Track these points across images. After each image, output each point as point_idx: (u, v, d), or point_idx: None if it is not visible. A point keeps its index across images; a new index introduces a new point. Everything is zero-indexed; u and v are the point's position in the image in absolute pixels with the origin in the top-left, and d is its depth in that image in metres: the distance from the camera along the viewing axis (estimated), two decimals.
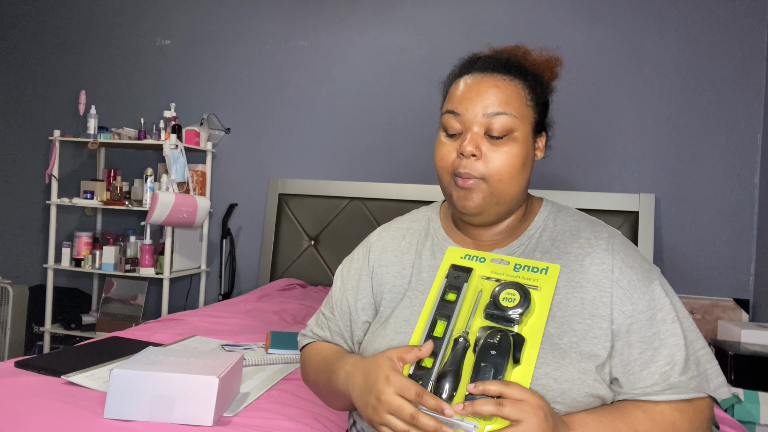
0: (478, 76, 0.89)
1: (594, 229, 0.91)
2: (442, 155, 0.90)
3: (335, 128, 3.05)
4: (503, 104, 0.87)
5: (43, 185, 3.43)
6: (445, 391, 0.72)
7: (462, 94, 0.89)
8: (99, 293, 3.26)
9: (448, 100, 0.91)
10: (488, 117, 0.86)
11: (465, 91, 0.89)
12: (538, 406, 0.69)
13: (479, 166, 0.86)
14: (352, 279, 1.00)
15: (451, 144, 0.89)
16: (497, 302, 0.78)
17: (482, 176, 0.86)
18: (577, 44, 2.74)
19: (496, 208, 0.89)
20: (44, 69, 3.46)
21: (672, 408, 0.80)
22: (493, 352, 0.73)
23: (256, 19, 3.17)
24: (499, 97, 0.87)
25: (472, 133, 0.87)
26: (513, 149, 0.87)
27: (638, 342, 0.82)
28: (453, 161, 0.88)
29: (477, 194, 0.87)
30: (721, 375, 0.83)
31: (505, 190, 0.88)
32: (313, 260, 2.95)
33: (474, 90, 0.88)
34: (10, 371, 1.37)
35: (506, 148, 0.86)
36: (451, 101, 0.90)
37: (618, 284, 0.84)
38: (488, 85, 0.88)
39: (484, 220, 0.91)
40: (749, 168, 2.55)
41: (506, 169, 0.86)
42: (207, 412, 1.09)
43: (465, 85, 0.89)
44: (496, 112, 0.86)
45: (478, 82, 0.89)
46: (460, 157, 0.87)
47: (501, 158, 0.86)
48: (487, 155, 0.86)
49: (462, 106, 0.88)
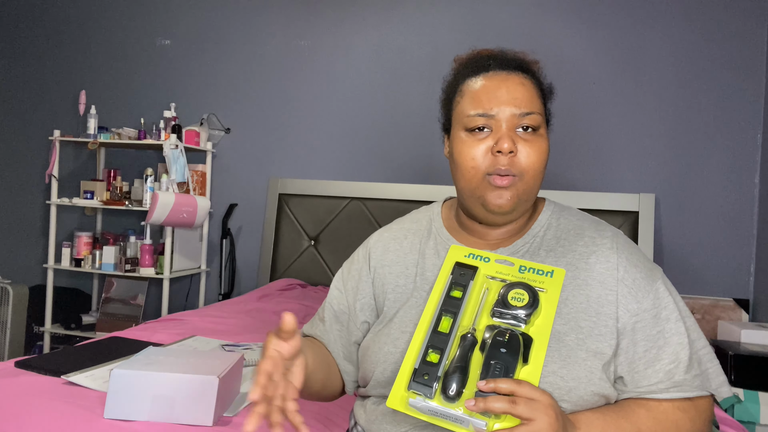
0: (502, 73, 0.89)
1: (598, 228, 0.91)
2: (472, 155, 0.86)
3: (335, 128, 3.05)
4: (531, 101, 0.87)
5: (43, 185, 3.43)
6: (453, 387, 0.71)
7: (488, 91, 0.87)
8: (99, 293, 3.26)
9: (468, 98, 0.89)
10: (521, 114, 0.86)
11: (492, 89, 0.87)
12: (549, 405, 0.69)
13: (516, 163, 0.85)
14: (351, 279, 1.00)
15: (478, 143, 0.86)
16: (506, 301, 0.78)
17: (519, 173, 0.85)
18: (577, 44, 2.74)
19: (523, 205, 0.89)
20: (44, 69, 3.46)
21: (675, 407, 0.80)
22: (503, 350, 0.73)
23: (256, 19, 3.17)
24: (526, 94, 0.87)
25: (504, 130, 0.85)
26: (542, 145, 0.87)
27: (643, 340, 0.82)
28: (486, 159, 0.86)
29: (512, 192, 0.85)
30: (722, 374, 0.84)
31: (535, 187, 0.88)
32: (313, 260, 2.95)
33: (502, 88, 0.87)
34: (10, 371, 1.37)
35: (537, 144, 0.86)
36: (474, 99, 0.88)
37: (623, 282, 0.84)
38: (515, 82, 0.87)
39: (509, 219, 0.90)
40: (749, 168, 2.55)
41: (539, 164, 0.86)
42: (207, 412, 1.09)
43: (490, 82, 0.88)
44: (528, 108, 0.86)
45: (503, 79, 0.88)
46: (496, 155, 0.85)
47: (535, 154, 0.86)
48: (522, 151, 0.85)
49: (492, 103, 0.86)
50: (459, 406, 0.71)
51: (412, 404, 0.72)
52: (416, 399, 0.72)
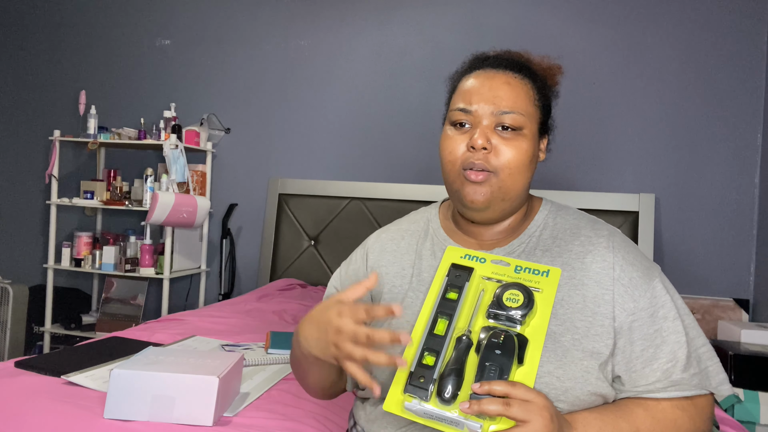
0: (490, 72, 0.90)
1: (594, 227, 0.91)
2: (451, 149, 0.89)
3: (335, 128, 3.05)
4: (514, 100, 0.87)
5: (43, 185, 3.43)
6: (449, 389, 0.71)
7: (473, 88, 0.89)
8: (99, 293, 3.26)
9: (458, 94, 0.91)
10: (499, 111, 0.86)
11: (476, 86, 0.89)
12: (544, 406, 0.69)
13: (491, 159, 0.86)
14: (348, 280, 1.00)
15: (459, 137, 0.89)
16: (501, 302, 0.78)
17: (494, 169, 0.86)
18: (578, 44, 2.74)
19: (501, 204, 0.89)
20: (44, 69, 3.46)
21: (673, 406, 0.80)
22: (498, 351, 0.73)
23: (256, 19, 3.17)
24: (509, 93, 0.87)
25: (482, 126, 0.87)
26: (522, 144, 0.87)
27: (640, 339, 0.82)
28: (462, 154, 0.88)
29: (486, 188, 0.86)
30: (722, 372, 0.84)
31: (513, 186, 0.88)
32: (313, 260, 2.95)
33: (486, 85, 0.88)
34: (10, 371, 1.37)
35: (516, 143, 0.87)
36: (461, 96, 0.90)
37: (619, 282, 0.84)
38: (500, 81, 0.88)
39: (489, 217, 0.91)
40: (749, 168, 2.55)
41: (515, 163, 0.86)
42: (207, 412, 1.09)
43: (476, 80, 0.90)
44: (508, 107, 0.86)
45: (489, 77, 0.89)
46: (471, 151, 0.86)
47: (511, 152, 0.86)
48: (498, 148, 0.86)
49: (473, 100, 0.88)
50: (454, 409, 0.71)
51: (408, 407, 0.72)
52: (412, 402, 0.72)
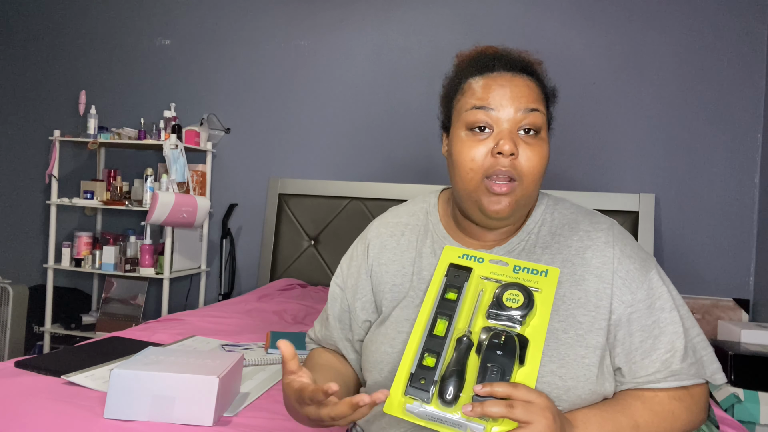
0: (507, 74, 0.87)
1: (592, 221, 0.91)
2: (472, 156, 0.84)
3: (335, 128, 3.05)
4: (534, 99, 0.86)
5: (43, 185, 3.43)
6: (450, 391, 0.71)
7: (493, 90, 0.85)
8: (99, 293, 3.26)
9: (474, 96, 0.86)
10: (524, 114, 0.84)
11: (497, 88, 0.85)
12: (546, 407, 0.69)
13: (518, 165, 0.83)
14: (351, 277, 1.00)
15: (479, 143, 0.84)
16: (500, 303, 0.78)
17: (519, 176, 0.83)
18: (577, 44, 2.74)
19: (521, 210, 0.87)
20: (44, 69, 3.46)
21: (671, 397, 0.82)
22: (499, 352, 0.73)
23: (256, 19, 3.17)
24: (530, 95, 0.85)
25: (506, 130, 0.83)
26: (543, 149, 0.85)
27: (639, 331, 0.83)
28: (485, 161, 0.83)
29: (511, 198, 0.83)
30: (716, 361, 0.85)
31: (534, 192, 0.86)
32: (313, 260, 2.95)
33: (507, 87, 0.85)
34: (10, 371, 1.37)
35: (537, 148, 0.84)
36: (480, 97, 0.85)
37: (617, 274, 0.84)
38: (520, 83, 0.86)
39: (507, 224, 0.89)
40: (749, 168, 2.55)
41: (539, 168, 0.84)
42: (207, 412, 1.09)
43: (495, 81, 0.86)
44: (532, 108, 0.84)
45: (509, 79, 0.86)
46: (497, 157, 0.82)
47: (535, 157, 0.84)
48: (523, 154, 0.83)
49: (495, 101, 0.84)
50: (456, 411, 0.70)
51: (410, 409, 0.72)
52: (413, 404, 0.72)
